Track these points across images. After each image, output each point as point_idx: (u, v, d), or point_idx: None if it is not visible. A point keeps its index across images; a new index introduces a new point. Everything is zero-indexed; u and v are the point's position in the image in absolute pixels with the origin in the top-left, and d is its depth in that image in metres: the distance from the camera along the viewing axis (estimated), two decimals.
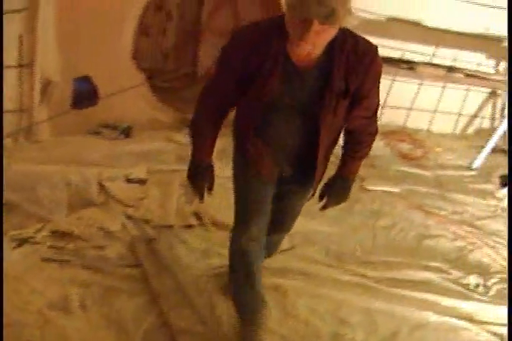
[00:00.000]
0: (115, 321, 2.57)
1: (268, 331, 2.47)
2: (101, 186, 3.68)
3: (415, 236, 3.81)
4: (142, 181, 3.86)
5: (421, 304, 3.04)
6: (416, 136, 5.84)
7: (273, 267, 3.04)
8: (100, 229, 3.26)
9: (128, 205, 3.57)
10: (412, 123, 6.04)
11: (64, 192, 3.50)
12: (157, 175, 3.94)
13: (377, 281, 3.19)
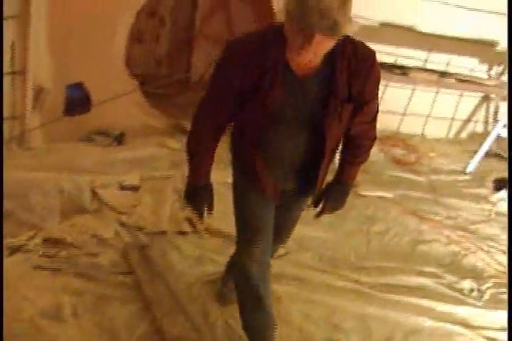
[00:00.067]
0: (108, 329, 2.56)
1: None
2: (94, 193, 3.65)
3: (409, 241, 3.82)
4: (135, 188, 3.84)
5: (415, 309, 3.05)
6: (409, 141, 5.84)
7: None
8: (93, 236, 3.25)
9: (121, 212, 3.55)
10: (406, 128, 6.04)
11: (57, 199, 3.49)
12: (150, 182, 3.92)
13: (371, 287, 3.20)
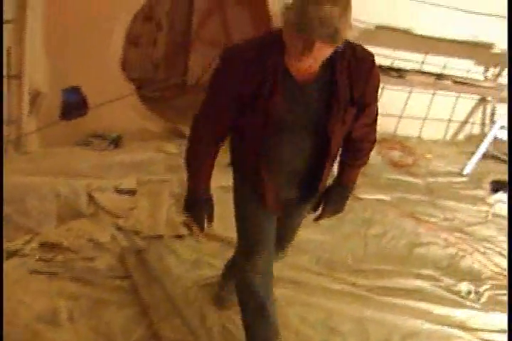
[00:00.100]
0: (104, 333, 2.55)
1: None
2: (90, 197, 3.65)
3: (406, 244, 3.81)
4: (132, 192, 3.83)
5: (413, 312, 3.04)
6: (406, 144, 5.85)
7: None
8: (89, 241, 3.24)
9: (117, 216, 3.55)
10: (403, 130, 6.05)
11: (53, 203, 3.48)
12: (147, 186, 3.91)
13: (368, 290, 3.19)
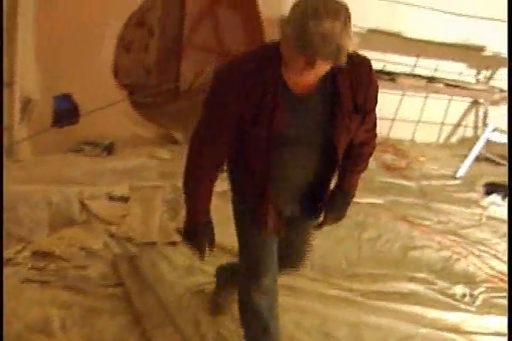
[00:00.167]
0: None
1: None
2: (82, 204, 3.63)
3: (400, 247, 3.80)
4: (124, 198, 3.81)
5: (407, 316, 3.02)
6: (400, 147, 5.85)
7: None
8: (82, 249, 3.22)
9: (110, 223, 3.53)
10: (396, 133, 6.06)
11: (45, 211, 3.47)
12: (139, 192, 3.90)
13: (362, 294, 3.17)
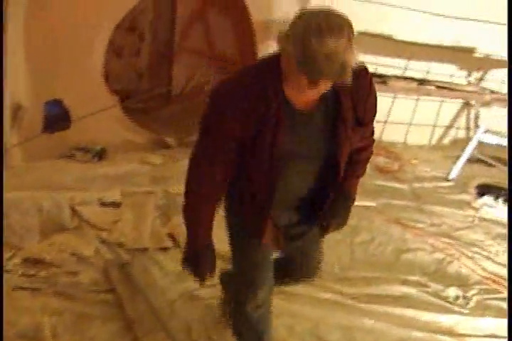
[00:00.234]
0: None
1: None
2: (73, 210, 3.61)
3: (393, 250, 3.80)
4: (116, 204, 3.79)
5: (400, 319, 3.02)
6: (392, 149, 5.84)
7: None
8: (73, 255, 3.21)
9: (101, 229, 3.51)
10: (388, 136, 6.03)
11: (35, 218, 3.45)
12: (131, 198, 3.87)
13: (355, 298, 3.17)
